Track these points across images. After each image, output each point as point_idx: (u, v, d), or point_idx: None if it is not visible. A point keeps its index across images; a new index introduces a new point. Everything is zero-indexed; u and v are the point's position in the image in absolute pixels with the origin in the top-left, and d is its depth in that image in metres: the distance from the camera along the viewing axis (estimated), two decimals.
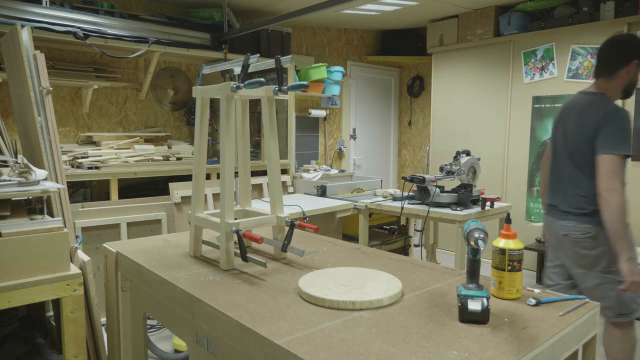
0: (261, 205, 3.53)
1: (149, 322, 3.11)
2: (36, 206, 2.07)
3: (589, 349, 1.29)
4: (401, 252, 4.17)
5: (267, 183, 2.38)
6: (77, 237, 2.41)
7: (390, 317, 1.20)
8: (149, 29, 3.63)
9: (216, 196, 3.73)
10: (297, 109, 5.06)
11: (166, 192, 3.64)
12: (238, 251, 1.60)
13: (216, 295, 1.35)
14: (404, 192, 3.40)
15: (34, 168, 1.93)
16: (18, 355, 2.13)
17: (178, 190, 3.52)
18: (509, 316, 1.21)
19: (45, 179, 1.99)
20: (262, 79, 1.57)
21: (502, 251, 1.31)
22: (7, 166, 2.15)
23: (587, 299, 1.31)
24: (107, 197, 3.50)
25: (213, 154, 4.20)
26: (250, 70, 1.72)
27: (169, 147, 3.87)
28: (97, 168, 3.33)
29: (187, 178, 3.82)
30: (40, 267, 1.78)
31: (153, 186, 3.96)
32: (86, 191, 3.66)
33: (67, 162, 3.40)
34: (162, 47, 3.64)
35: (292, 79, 4.45)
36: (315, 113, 5.14)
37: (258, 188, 4.17)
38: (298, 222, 1.72)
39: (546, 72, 4.25)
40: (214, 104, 3.95)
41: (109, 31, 3.42)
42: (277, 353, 1.05)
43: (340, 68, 4.94)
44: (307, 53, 5.24)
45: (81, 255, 2.13)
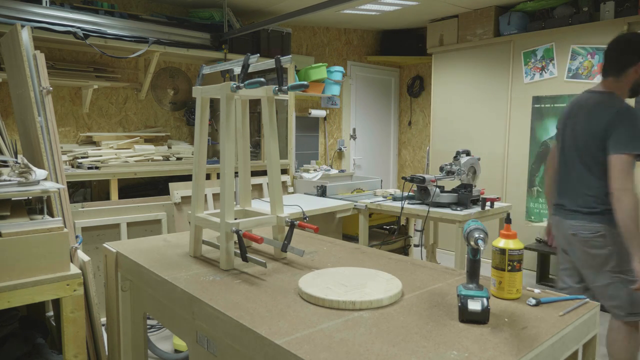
0: (261, 205, 3.53)
1: (149, 322, 3.11)
2: (36, 206, 2.07)
3: (589, 349, 1.29)
4: (401, 252, 4.17)
5: (267, 183, 2.38)
6: (77, 237, 2.41)
7: (390, 317, 1.20)
8: (149, 29, 3.63)
9: (216, 196, 3.73)
10: (297, 109, 5.06)
11: (166, 192, 3.65)
12: (238, 251, 1.60)
13: (216, 295, 1.35)
14: (404, 192, 3.40)
15: (34, 168, 1.93)
16: (18, 355, 2.13)
17: (178, 190, 3.52)
18: (509, 316, 1.21)
19: (45, 179, 1.99)
20: (262, 79, 1.57)
21: (502, 251, 1.31)
22: (7, 166, 2.15)
23: (587, 299, 1.31)
24: (107, 197, 3.50)
25: (213, 154, 4.20)
26: (250, 70, 1.72)
27: (169, 147, 3.87)
28: (97, 168, 3.33)
29: (187, 178, 3.82)
30: (40, 267, 1.78)
31: (153, 186, 3.96)
32: (86, 191, 3.66)
33: (67, 162, 3.40)
34: (162, 47, 3.64)
35: (292, 79, 4.45)
36: (315, 113, 5.14)
37: (258, 188, 4.17)
38: (298, 222, 1.72)
39: (546, 72, 4.25)
40: (214, 104, 3.95)
41: (109, 31, 3.42)
42: (277, 353, 1.05)
43: (340, 68, 4.94)
44: (307, 53, 5.24)
45: (81, 255, 2.13)
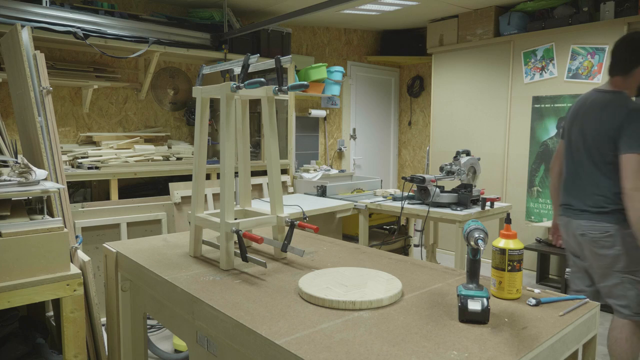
0: (261, 205, 3.53)
1: (149, 322, 3.11)
2: (36, 206, 2.07)
3: (589, 349, 1.29)
4: (401, 252, 4.17)
5: (267, 183, 2.38)
6: (77, 237, 2.41)
7: (390, 317, 1.20)
8: (149, 29, 3.63)
9: (216, 196, 3.73)
10: (297, 109, 5.06)
11: (166, 192, 3.64)
12: (238, 251, 1.60)
13: (216, 295, 1.35)
14: (404, 192, 3.40)
15: (34, 168, 1.93)
16: (18, 355, 2.13)
17: (178, 190, 3.52)
18: (509, 316, 1.21)
19: (45, 179, 1.99)
20: (262, 79, 1.57)
21: (502, 251, 1.31)
22: (7, 166, 2.15)
23: (587, 299, 1.31)
24: (107, 197, 3.50)
25: (213, 154, 4.20)
26: (250, 70, 1.72)
27: (169, 147, 3.87)
28: (97, 168, 3.33)
29: (187, 178, 3.82)
30: (40, 267, 1.78)
31: (153, 186, 3.96)
32: (86, 191, 3.66)
33: (67, 162, 3.40)
34: (162, 47, 3.64)
35: (292, 79, 4.45)
36: (315, 113, 5.14)
37: (258, 188, 4.17)
38: (298, 222, 1.72)
39: (546, 72, 4.25)
40: (214, 104, 3.95)
41: (109, 31, 3.42)
42: (277, 353, 1.05)
43: (340, 68, 4.94)
44: (307, 53, 5.24)
45: (81, 255, 2.13)
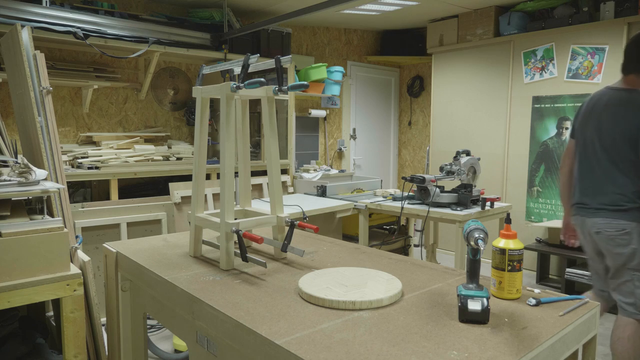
0: (261, 205, 3.53)
1: (149, 322, 3.11)
2: (36, 206, 2.07)
3: (589, 349, 1.29)
4: (401, 252, 4.17)
5: (267, 183, 2.38)
6: (77, 237, 2.41)
7: (390, 317, 1.20)
8: (149, 29, 3.63)
9: (216, 196, 3.73)
10: (297, 109, 5.06)
11: (166, 192, 3.64)
12: (238, 251, 1.60)
13: (216, 295, 1.35)
14: (404, 192, 3.40)
15: (34, 168, 1.93)
16: (18, 355, 2.13)
17: (178, 190, 3.52)
18: (509, 316, 1.21)
19: (45, 179, 1.99)
20: (262, 79, 1.57)
21: (502, 251, 1.31)
22: (7, 166, 2.15)
23: (587, 299, 1.31)
24: (107, 197, 3.50)
25: (213, 154, 4.20)
26: (250, 70, 1.72)
27: (169, 147, 3.87)
28: (97, 168, 3.33)
29: (187, 178, 3.82)
30: (40, 267, 1.78)
31: (153, 186, 3.96)
32: (86, 191, 3.66)
33: (67, 162, 3.40)
34: (162, 47, 3.64)
35: (292, 79, 4.45)
36: (315, 113, 5.14)
37: (258, 188, 4.17)
38: (298, 222, 1.72)
39: (546, 72, 4.25)
40: (214, 104, 3.95)
41: (109, 31, 3.42)
42: (277, 353, 1.05)
43: (340, 68, 4.94)
44: (307, 53, 5.24)
45: (81, 255, 2.13)
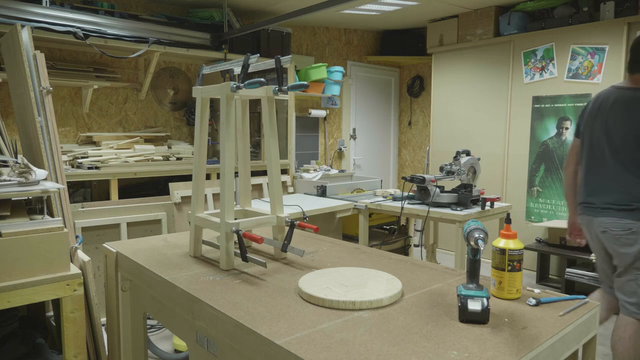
0: (261, 205, 3.53)
1: (149, 322, 3.11)
2: (36, 206, 2.07)
3: (589, 349, 1.29)
4: (401, 252, 4.17)
5: (267, 183, 2.38)
6: (77, 237, 2.41)
7: (390, 317, 1.20)
8: (149, 29, 3.63)
9: (216, 196, 3.73)
10: (297, 109, 5.06)
11: (166, 192, 3.64)
12: (238, 251, 1.60)
13: (216, 295, 1.35)
14: (404, 192, 3.40)
15: (34, 168, 1.93)
16: (18, 355, 2.13)
17: (178, 190, 3.52)
18: (509, 316, 1.21)
19: (45, 179, 1.99)
20: (262, 79, 1.57)
21: (502, 251, 1.31)
22: (7, 166, 2.15)
23: (587, 299, 1.31)
24: (107, 197, 3.50)
25: (213, 154, 4.20)
26: (250, 70, 1.72)
27: (169, 147, 3.87)
28: (97, 168, 3.33)
29: (187, 178, 3.82)
30: (40, 267, 1.78)
31: (153, 186, 3.96)
32: (86, 191, 3.66)
33: (67, 162, 3.40)
34: (162, 47, 3.64)
35: (292, 79, 4.45)
36: (315, 113, 5.14)
37: (258, 188, 4.17)
38: (298, 222, 1.72)
39: (546, 72, 4.25)
40: (214, 104, 3.95)
41: (109, 31, 3.42)
42: (277, 353, 1.05)
43: (340, 68, 4.94)
44: (307, 53, 5.24)
45: (81, 255, 2.13)
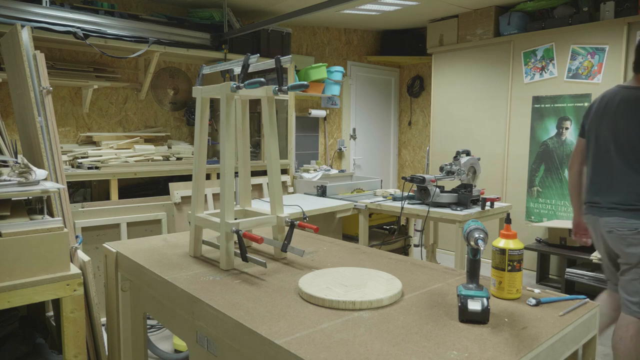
0: (261, 205, 3.53)
1: (149, 322, 3.11)
2: (36, 206, 2.07)
3: (589, 349, 1.29)
4: (401, 252, 4.17)
5: (267, 183, 2.38)
6: (77, 237, 2.41)
7: (390, 317, 1.20)
8: (149, 29, 3.63)
9: (216, 196, 3.73)
10: (297, 109, 5.06)
11: (166, 192, 3.64)
12: (238, 251, 1.60)
13: (216, 295, 1.35)
14: (404, 192, 3.40)
15: (34, 168, 1.93)
16: (18, 355, 2.13)
17: (178, 190, 3.52)
18: (509, 316, 1.21)
19: (45, 179, 1.99)
20: (262, 79, 1.57)
21: (502, 251, 1.31)
22: (7, 166, 2.15)
23: (587, 299, 1.31)
24: (107, 197, 3.50)
25: (213, 154, 4.20)
26: (250, 70, 1.72)
27: (169, 147, 3.87)
28: (97, 168, 3.33)
29: (187, 178, 3.82)
30: (40, 267, 1.78)
31: (153, 186, 3.96)
32: (86, 191, 3.66)
33: (67, 162, 3.40)
34: (162, 47, 3.64)
35: (292, 79, 4.45)
36: (315, 113, 5.14)
37: (258, 188, 4.17)
38: (298, 222, 1.72)
39: (546, 72, 4.25)
40: (214, 104, 3.95)
41: (109, 31, 3.42)
42: (277, 353, 1.05)
43: (340, 68, 4.94)
44: (307, 53, 5.24)
45: (81, 255, 2.13)
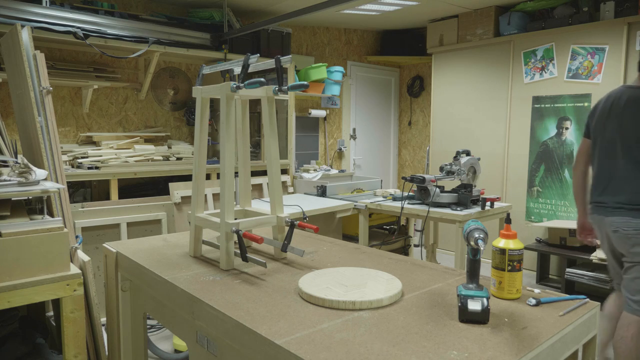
0: (261, 205, 3.53)
1: (149, 322, 3.10)
2: (36, 206, 2.07)
3: (589, 349, 1.29)
4: (401, 252, 4.17)
5: (267, 183, 2.38)
6: (77, 237, 2.41)
7: (390, 317, 1.20)
8: (149, 29, 3.63)
9: (216, 196, 3.73)
10: (297, 109, 5.06)
11: (166, 192, 3.64)
12: (238, 251, 1.60)
13: (216, 295, 1.35)
14: (404, 192, 3.40)
15: (34, 168, 1.93)
16: (18, 355, 2.13)
17: (178, 190, 3.52)
18: (509, 316, 1.21)
19: (45, 179, 1.99)
20: (262, 79, 1.57)
21: (502, 251, 1.31)
22: (7, 166, 2.15)
23: (587, 299, 1.31)
24: (107, 197, 3.50)
25: (213, 154, 4.20)
26: (250, 70, 1.72)
27: (169, 147, 3.87)
28: (97, 168, 3.33)
29: (187, 178, 3.82)
30: (40, 267, 1.78)
31: (153, 186, 3.96)
32: (86, 191, 3.66)
33: (67, 162, 3.40)
34: (162, 47, 3.64)
35: (292, 79, 4.45)
36: (315, 113, 5.14)
37: (258, 188, 4.17)
38: (298, 222, 1.72)
39: (546, 72, 4.25)
40: (214, 104, 3.95)
41: (109, 31, 3.42)
42: (277, 353, 1.05)
43: (340, 68, 4.94)
44: (307, 53, 5.24)
45: (81, 255, 2.13)
